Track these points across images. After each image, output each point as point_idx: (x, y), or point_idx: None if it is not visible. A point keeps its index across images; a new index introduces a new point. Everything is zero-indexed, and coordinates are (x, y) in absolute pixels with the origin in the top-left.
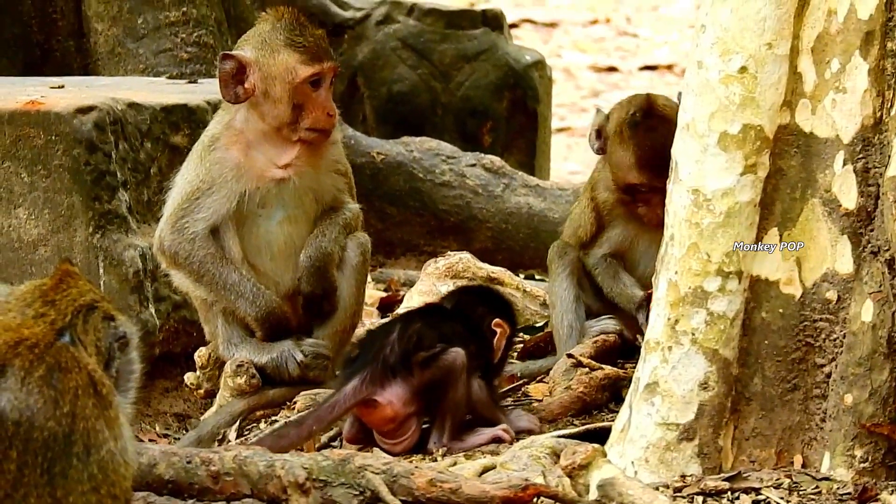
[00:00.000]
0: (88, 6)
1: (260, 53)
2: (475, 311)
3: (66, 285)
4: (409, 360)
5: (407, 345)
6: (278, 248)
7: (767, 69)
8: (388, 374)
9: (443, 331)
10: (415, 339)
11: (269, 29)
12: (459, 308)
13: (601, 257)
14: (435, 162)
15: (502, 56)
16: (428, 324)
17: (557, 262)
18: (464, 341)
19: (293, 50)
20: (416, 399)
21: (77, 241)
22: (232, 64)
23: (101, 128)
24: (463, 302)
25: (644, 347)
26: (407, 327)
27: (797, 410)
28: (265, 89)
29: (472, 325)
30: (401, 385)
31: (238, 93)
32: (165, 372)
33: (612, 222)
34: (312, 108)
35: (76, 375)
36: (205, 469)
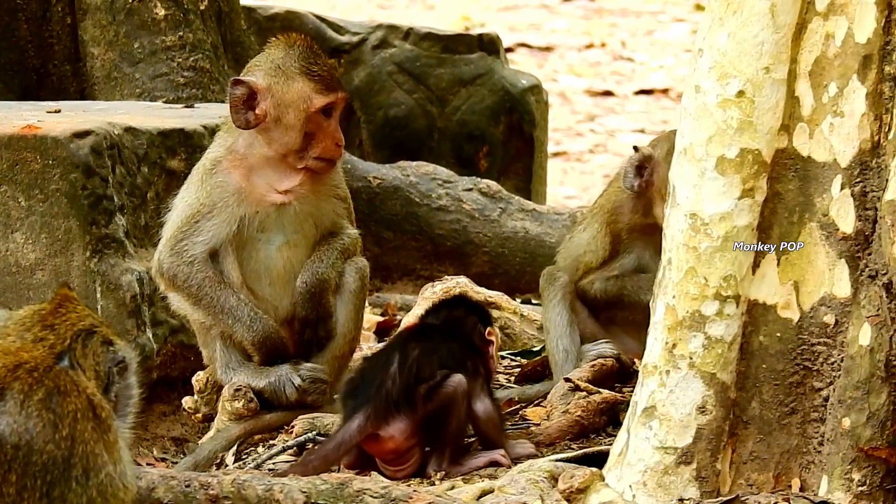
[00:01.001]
0: (85, 31)
1: (273, 80)
2: (465, 324)
3: (65, 310)
4: (412, 393)
5: (408, 377)
6: (277, 273)
7: (765, 93)
8: (391, 409)
9: (440, 354)
10: (415, 369)
11: (282, 55)
12: (449, 324)
13: (611, 278)
14: (431, 186)
15: (498, 80)
16: (425, 350)
17: (550, 289)
18: (461, 361)
19: (308, 78)
20: (420, 430)
21: (74, 266)
22: (243, 89)
23: (97, 152)
24: (451, 317)
25: (642, 371)
26: (406, 357)
27: (795, 434)
28: (277, 116)
29: (464, 339)
30: (404, 419)
31: (249, 118)
32: (163, 396)
33: (628, 249)
34: (323, 137)
35: (75, 399)
36: (203, 493)
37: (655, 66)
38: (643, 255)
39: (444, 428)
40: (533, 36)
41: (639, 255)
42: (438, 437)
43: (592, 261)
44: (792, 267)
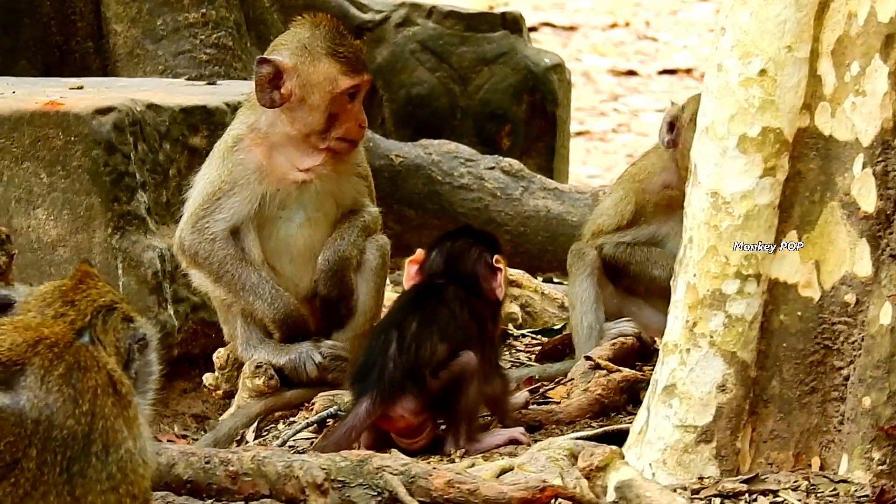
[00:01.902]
0: (108, 8)
1: (299, 60)
2: (469, 258)
3: (86, 286)
4: (416, 372)
5: (409, 357)
6: (298, 251)
7: (787, 72)
8: (396, 391)
9: (440, 325)
10: (414, 348)
11: (308, 35)
12: (451, 262)
13: (625, 244)
14: (453, 165)
15: (521, 59)
16: (424, 321)
17: (578, 264)
18: (464, 327)
19: (335, 60)
20: (429, 406)
21: (96, 242)
22: (269, 69)
23: (120, 129)
24: (454, 251)
25: (662, 350)
26: (403, 334)
27: (815, 413)
28: (302, 96)
29: (468, 280)
30: (411, 398)
31: (274, 98)
32: (184, 373)
33: (649, 221)
34: (346, 118)
35: (95, 375)
36: (223, 469)
37: (679, 45)
38: (661, 229)
39: (455, 405)
40: (557, 15)
41: (657, 228)
42: (451, 414)
43: (606, 224)
44: (813, 246)
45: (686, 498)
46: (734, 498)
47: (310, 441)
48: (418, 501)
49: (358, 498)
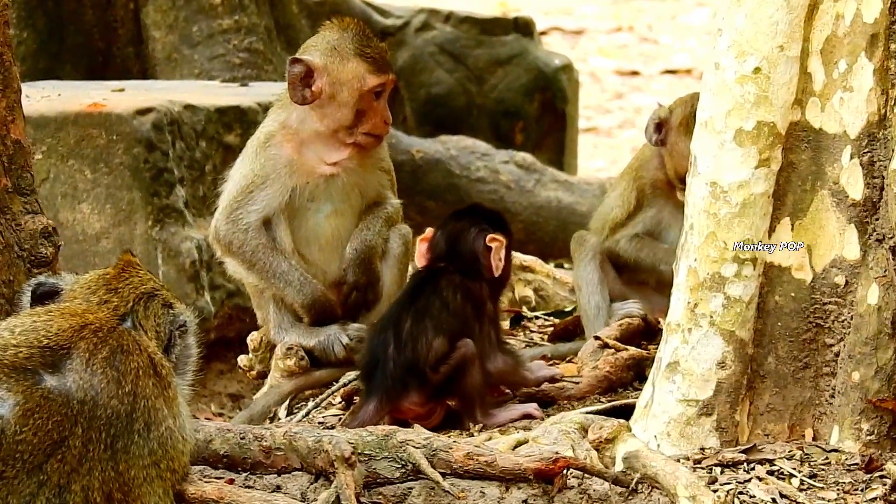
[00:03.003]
0: (147, 15)
1: (329, 60)
2: (468, 238)
3: (128, 274)
4: (417, 369)
5: (407, 357)
6: (326, 240)
7: (780, 70)
8: (399, 390)
9: (433, 317)
10: (410, 347)
11: (337, 37)
12: (451, 242)
13: (633, 236)
14: (470, 159)
15: (533, 60)
16: (417, 319)
17: (580, 250)
18: (459, 314)
19: (363, 60)
20: (435, 394)
21: (137, 234)
22: (301, 68)
23: (159, 128)
24: (454, 233)
25: (665, 329)
26: (399, 334)
27: (808, 387)
28: (332, 93)
29: (466, 258)
30: (416, 393)
31: (305, 95)
32: (220, 355)
33: (650, 204)
34: (372, 115)
35: (137, 357)
36: (257, 444)
37: (679, 47)
38: (663, 210)
39: (461, 390)
40: (565, 20)
41: (659, 210)
42: (459, 398)
43: (619, 215)
44: (805, 231)
45: (689, 467)
46: (733, 467)
47: (338, 417)
48: (440, 473)
49: (383, 470)
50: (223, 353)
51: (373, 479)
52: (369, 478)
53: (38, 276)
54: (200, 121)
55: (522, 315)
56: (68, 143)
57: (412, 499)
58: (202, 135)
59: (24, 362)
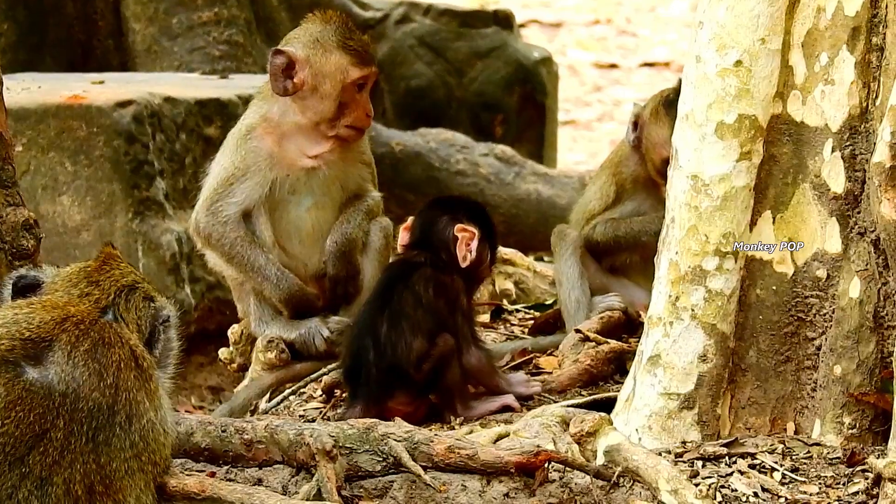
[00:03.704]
0: (127, 7)
1: (312, 52)
2: (438, 229)
3: (109, 267)
4: (399, 373)
5: (387, 362)
6: (307, 232)
7: (761, 63)
8: (384, 394)
9: (408, 318)
10: (390, 352)
11: (320, 29)
12: (424, 232)
13: (608, 220)
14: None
15: (512, 53)
16: (392, 322)
17: (561, 244)
18: (433, 310)
19: (346, 52)
20: (421, 392)
21: (117, 226)
22: (283, 59)
23: (139, 120)
24: (426, 223)
25: (647, 322)
26: (377, 340)
27: (790, 381)
28: (314, 85)
29: (439, 249)
30: (402, 393)
31: (287, 86)
32: (200, 348)
33: (630, 198)
34: (355, 107)
35: (119, 350)
36: (239, 437)
37: (658, 40)
38: (643, 204)
39: (441, 384)
40: (543, 12)
41: (639, 203)
42: (440, 392)
43: (597, 207)
44: (787, 225)
45: (670, 461)
46: (715, 461)
47: (319, 411)
48: (421, 466)
49: (364, 463)
50: (204, 345)
51: (354, 473)
52: (350, 471)
53: (20, 268)
54: (180, 113)
55: (503, 308)
56: (49, 136)
57: (393, 492)
58: (182, 127)
59: (6, 355)
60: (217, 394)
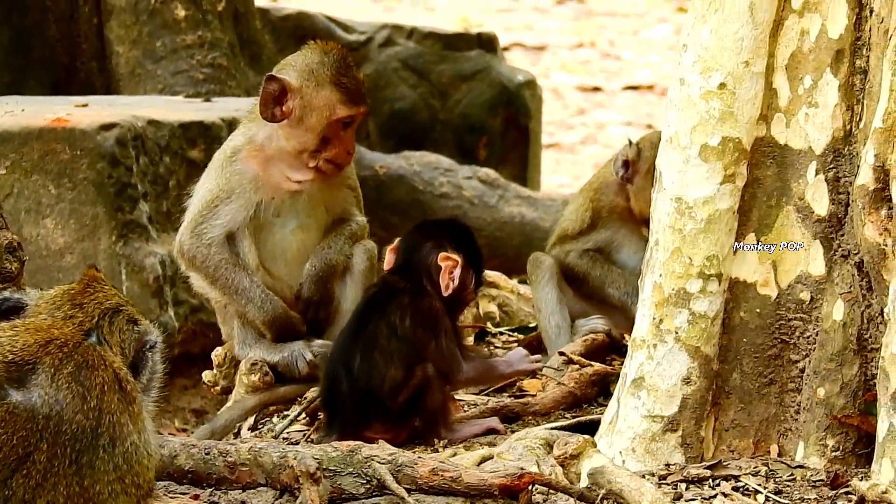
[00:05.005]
0: (110, 30)
1: (305, 82)
2: (421, 255)
3: (93, 290)
4: (374, 404)
5: (362, 394)
6: (291, 255)
7: (745, 85)
8: (360, 424)
9: (381, 349)
10: (364, 383)
11: (317, 61)
12: (407, 257)
13: (584, 251)
14: (434, 175)
15: (496, 76)
16: (365, 353)
17: (537, 272)
18: (410, 333)
19: (338, 89)
20: (398, 420)
21: (101, 249)
22: (276, 86)
23: (122, 143)
24: (409, 248)
25: (631, 345)
26: (350, 371)
27: (773, 403)
28: (301, 116)
29: (422, 275)
30: (378, 423)
31: (275, 113)
32: (184, 371)
33: (605, 226)
34: (337, 143)
35: (102, 373)
36: (222, 460)
37: (641, 63)
38: (617, 234)
39: (422, 412)
40: (527, 36)
41: (613, 232)
42: (422, 418)
43: (569, 228)
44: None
45: (654, 483)
46: (699, 483)
47: (303, 433)
48: (405, 488)
49: (348, 486)
50: (187, 368)
51: (338, 495)
52: (334, 493)
53: (3, 291)
54: (164, 136)
55: (487, 331)
56: (32, 159)
57: None
58: (166, 150)
59: None
60: (201, 417)
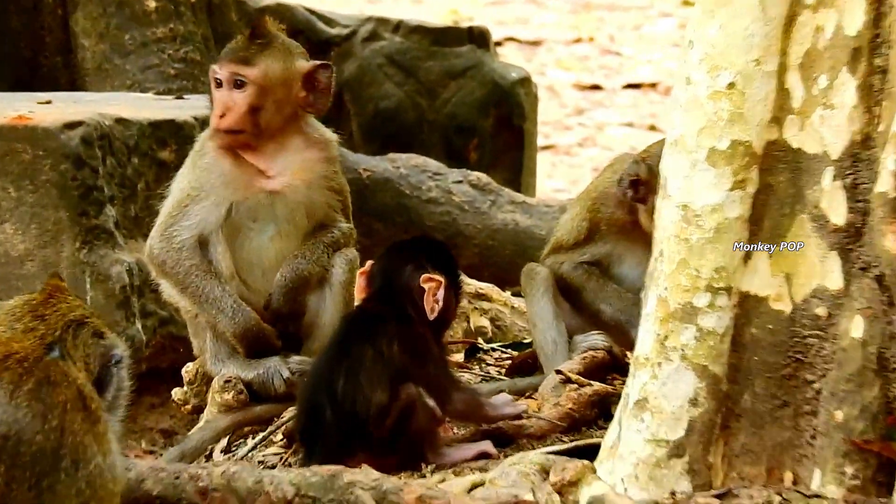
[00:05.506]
0: (76, 23)
1: None
2: (402, 277)
3: (56, 300)
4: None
5: (346, 421)
6: (269, 264)
7: (755, 85)
8: (342, 452)
9: (367, 372)
10: (349, 408)
11: None
12: (387, 280)
13: (579, 264)
14: (421, 178)
15: (488, 73)
16: (350, 377)
17: (531, 284)
18: (396, 358)
19: None
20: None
21: (64, 257)
22: None
23: (88, 143)
24: (389, 270)
25: (633, 363)
26: (334, 396)
27: (787, 427)
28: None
29: (403, 299)
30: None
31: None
32: (152, 388)
33: (603, 238)
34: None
35: (65, 390)
36: (193, 485)
37: (643, 60)
38: (616, 247)
39: (408, 436)
40: (521, 30)
41: (612, 246)
42: (408, 443)
43: (565, 239)
44: (784, 259)
45: None
46: None
47: (279, 456)
48: None
49: None
50: (155, 385)
51: None
52: None
53: None
54: (133, 135)
55: (478, 346)
56: None
57: None
58: (135, 150)
59: None
60: (170, 438)
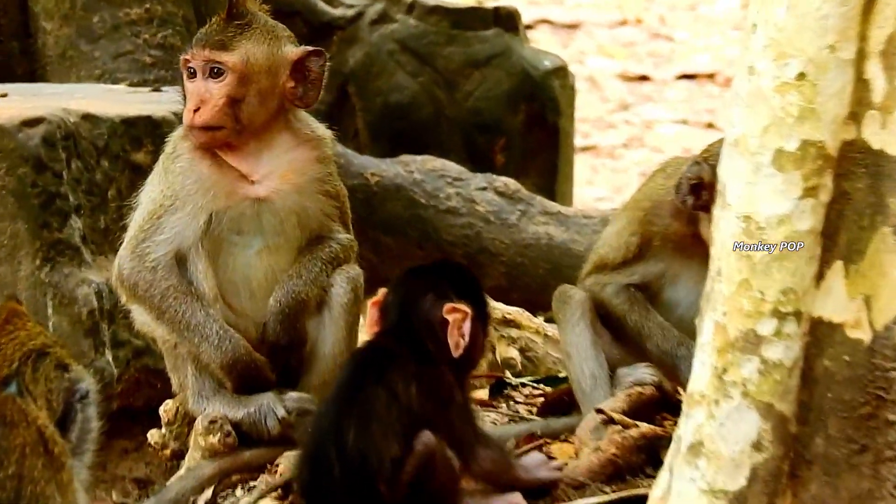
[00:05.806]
0: (36, 2)
1: None
2: (422, 308)
3: (13, 327)
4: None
5: (356, 479)
6: (258, 284)
7: (829, 76)
8: None
9: (380, 420)
10: (359, 464)
11: None
12: (404, 312)
13: (624, 287)
14: (439, 185)
15: (517, 61)
16: (361, 426)
17: (565, 309)
18: (414, 403)
19: None
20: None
21: (22, 276)
22: None
23: (50, 143)
24: (406, 301)
25: (686, 401)
26: (343, 449)
27: (866, 475)
28: None
29: (423, 334)
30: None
31: None
32: (125, 430)
33: (656, 256)
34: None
35: (24, 432)
36: None
37: (699, 46)
38: (672, 265)
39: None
40: (556, 11)
41: (666, 265)
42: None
43: (609, 257)
44: (862, 279)
45: None
46: None
47: None
48: None
49: None
50: (128, 426)
51: None
52: None
53: None
54: (102, 135)
55: (505, 381)
56: None
57: None
58: (104, 152)
59: None
60: (145, 488)
